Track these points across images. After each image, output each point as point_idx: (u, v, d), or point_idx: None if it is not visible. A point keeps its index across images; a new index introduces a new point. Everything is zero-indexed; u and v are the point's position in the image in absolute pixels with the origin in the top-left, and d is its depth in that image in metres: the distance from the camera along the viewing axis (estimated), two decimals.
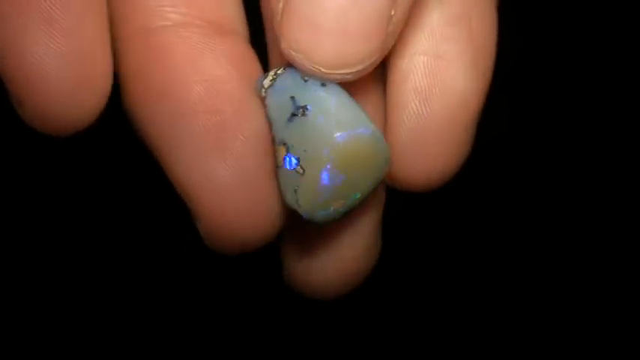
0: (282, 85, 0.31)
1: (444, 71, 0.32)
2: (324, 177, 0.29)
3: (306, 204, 0.29)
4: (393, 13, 0.29)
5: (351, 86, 0.31)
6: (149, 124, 0.31)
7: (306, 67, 0.29)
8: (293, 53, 0.29)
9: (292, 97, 0.30)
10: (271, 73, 0.31)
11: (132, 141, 0.33)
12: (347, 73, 0.29)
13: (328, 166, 0.29)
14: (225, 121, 0.31)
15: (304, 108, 0.30)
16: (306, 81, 0.30)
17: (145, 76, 0.31)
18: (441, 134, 0.32)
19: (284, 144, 0.30)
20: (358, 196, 0.30)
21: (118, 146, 0.47)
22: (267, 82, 0.31)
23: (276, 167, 0.30)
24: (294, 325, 0.54)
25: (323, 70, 0.29)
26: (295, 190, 0.29)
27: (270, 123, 0.31)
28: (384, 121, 0.33)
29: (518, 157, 0.57)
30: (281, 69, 0.31)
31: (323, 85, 0.30)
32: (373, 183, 0.30)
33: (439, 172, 0.33)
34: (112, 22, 0.32)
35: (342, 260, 0.33)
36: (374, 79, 0.33)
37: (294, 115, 0.30)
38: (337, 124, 0.29)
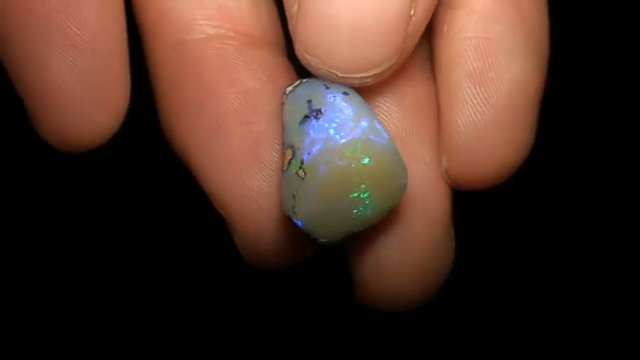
0: (302, 90, 0.30)
1: (498, 53, 0.30)
2: (326, 180, 0.27)
3: (303, 211, 0.27)
4: (412, 12, 0.28)
5: (399, 74, 0.30)
6: (185, 136, 0.31)
7: (321, 71, 0.28)
8: (308, 57, 0.28)
9: (309, 101, 0.29)
10: (297, 81, 0.30)
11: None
12: (365, 77, 0.28)
13: (335, 167, 0.27)
14: (259, 132, 0.30)
15: (319, 111, 0.28)
16: (328, 88, 0.29)
17: (180, 89, 0.31)
18: (500, 120, 0.30)
19: (291, 147, 0.28)
20: (368, 212, 0.28)
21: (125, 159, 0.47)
22: (289, 89, 0.30)
23: (282, 172, 0.29)
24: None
25: (339, 74, 0.28)
26: (294, 196, 0.28)
27: (283, 129, 0.30)
28: (437, 115, 0.31)
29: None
30: (306, 79, 0.30)
31: (345, 93, 0.29)
32: (387, 203, 0.28)
33: (502, 164, 0.31)
34: (146, 39, 0.32)
35: (416, 254, 0.31)
36: (421, 70, 0.32)
37: (306, 117, 0.29)
38: (350, 128, 0.28)
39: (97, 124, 0.29)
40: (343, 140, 0.28)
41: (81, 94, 0.29)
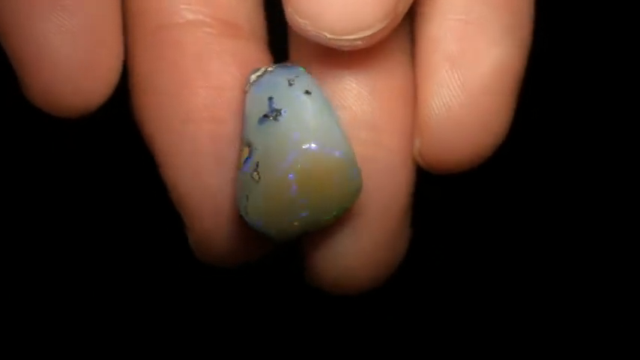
0: (266, 83, 0.29)
1: (478, 36, 0.30)
2: (280, 188, 0.28)
3: (255, 214, 0.28)
4: None
5: (376, 57, 0.30)
6: (155, 126, 0.31)
7: (311, 34, 0.28)
8: (298, 20, 0.28)
9: (270, 98, 0.29)
10: (262, 69, 0.30)
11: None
12: (356, 39, 0.28)
13: (289, 176, 0.28)
14: (225, 132, 0.30)
15: (278, 112, 0.28)
16: (291, 85, 0.29)
17: (155, 77, 0.31)
18: (476, 104, 0.30)
19: (249, 146, 0.28)
20: (320, 218, 0.28)
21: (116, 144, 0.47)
22: (253, 77, 0.30)
23: (238, 171, 0.29)
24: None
25: (329, 36, 0.28)
26: (247, 197, 0.28)
27: (243, 122, 0.29)
28: (412, 99, 0.31)
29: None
30: (273, 66, 0.30)
31: (308, 92, 0.29)
32: (337, 209, 0.29)
33: (476, 148, 0.30)
34: (126, 20, 0.31)
35: (369, 245, 0.31)
36: (400, 49, 0.31)
37: (266, 116, 0.28)
38: (309, 135, 0.28)
39: (89, 88, 0.29)
40: (301, 144, 0.28)
41: (70, 56, 0.28)
